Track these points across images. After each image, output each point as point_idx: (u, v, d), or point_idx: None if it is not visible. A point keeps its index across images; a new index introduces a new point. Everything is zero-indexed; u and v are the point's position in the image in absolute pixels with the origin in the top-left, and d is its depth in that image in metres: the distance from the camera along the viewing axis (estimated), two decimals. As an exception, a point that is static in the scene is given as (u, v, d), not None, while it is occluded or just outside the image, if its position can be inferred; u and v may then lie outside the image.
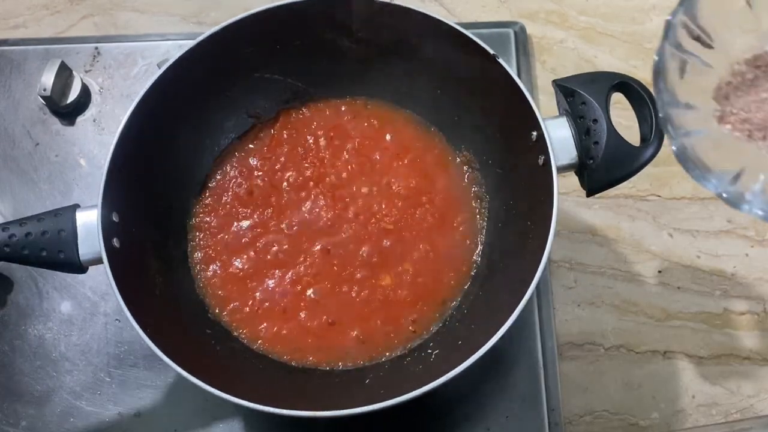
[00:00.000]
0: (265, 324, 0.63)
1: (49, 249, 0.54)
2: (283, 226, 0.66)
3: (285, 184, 0.68)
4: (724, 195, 0.44)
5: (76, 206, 0.56)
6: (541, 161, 0.57)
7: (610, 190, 0.59)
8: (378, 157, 0.70)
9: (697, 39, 0.45)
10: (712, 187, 0.45)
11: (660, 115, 0.46)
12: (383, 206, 0.67)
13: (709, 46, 0.46)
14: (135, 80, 0.81)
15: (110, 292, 0.53)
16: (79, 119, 0.79)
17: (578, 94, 0.57)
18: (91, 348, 0.68)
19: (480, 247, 0.66)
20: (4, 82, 0.80)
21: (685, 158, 0.45)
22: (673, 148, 0.46)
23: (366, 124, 0.71)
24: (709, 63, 0.46)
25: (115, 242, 0.55)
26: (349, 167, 0.69)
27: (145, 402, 0.66)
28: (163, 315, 0.58)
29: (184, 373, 0.50)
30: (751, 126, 0.44)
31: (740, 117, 0.45)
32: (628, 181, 0.57)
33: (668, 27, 0.45)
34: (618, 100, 0.57)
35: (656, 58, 0.45)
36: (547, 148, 0.56)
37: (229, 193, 0.68)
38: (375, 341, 0.62)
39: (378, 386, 0.58)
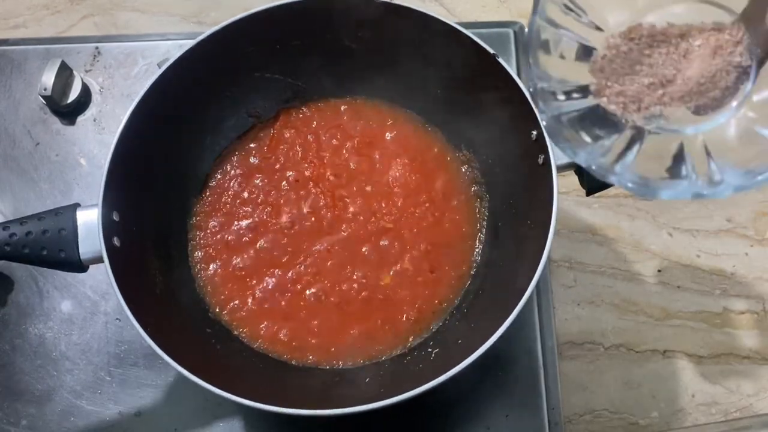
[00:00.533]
0: (265, 323, 0.63)
1: (50, 248, 0.54)
2: (283, 225, 0.66)
3: (285, 183, 0.69)
4: (594, 167, 0.44)
5: (76, 205, 0.56)
6: (540, 160, 0.57)
7: (609, 189, 0.59)
8: (378, 157, 0.70)
9: (570, 13, 0.44)
10: (583, 161, 0.44)
11: (530, 89, 0.44)
12: (383, 205, 0.67)
13: (583, 21, 0.44)
14: (135, 80, 0.81)
15: (111, 291, 0.53)
16: (80, 119, 0.79)
17: (578, 94, 0.57)
18: (91, 347, 0.68)
19: (480, 247, 0.66)
20: (4, 82, 0.81)
21: (555, 133, 0.45)
22: (544, 123, 0.45)
23: (366, 123, 0.71)
24: (584, 37, 0.45)
25: (116, 241, 0.55)
26: (349, 166, 0.69)
27: (145, 401, 0.66)
28: (164, 314, 0.58)
29: (185, 372, 0.50)
30: (626, 98, 0.44)
31: (615, 90, 0.44)
32: (627, 180, 0.57)
33: (536, 1, 0.43)
34: (617, 99, 0.57)
35: (526, 31, 0.44)
36: (546, 147, 0.56)
37: (230, 193, 0.68)
38: (375, 340, 0.62)
39: (378, 385, 0.58)
